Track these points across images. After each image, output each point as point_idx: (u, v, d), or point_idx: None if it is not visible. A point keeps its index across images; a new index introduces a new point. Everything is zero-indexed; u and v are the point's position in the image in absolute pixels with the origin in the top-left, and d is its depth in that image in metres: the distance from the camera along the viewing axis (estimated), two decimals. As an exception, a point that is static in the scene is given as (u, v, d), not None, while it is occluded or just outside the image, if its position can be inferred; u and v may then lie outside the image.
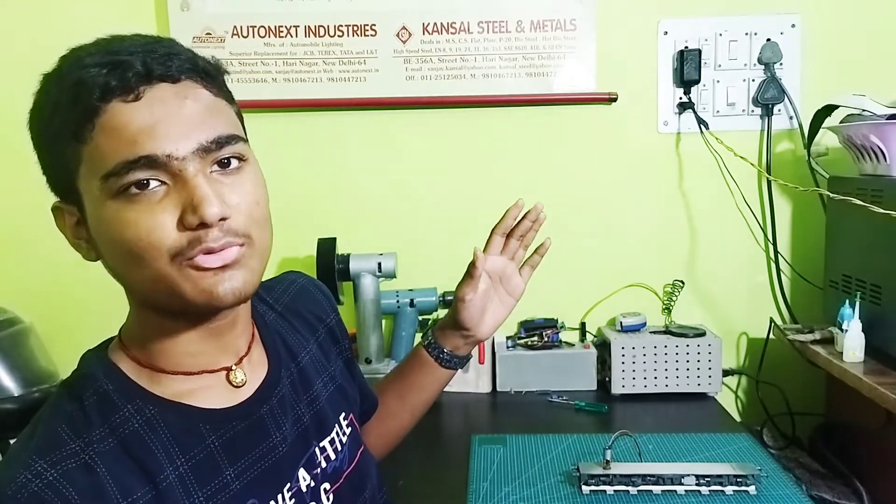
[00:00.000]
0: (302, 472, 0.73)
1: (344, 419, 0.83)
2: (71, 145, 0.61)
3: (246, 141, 0.67)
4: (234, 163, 0.64)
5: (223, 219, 0.61)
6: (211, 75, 0.66)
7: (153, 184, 0.60)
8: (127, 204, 0.60)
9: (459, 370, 1.02)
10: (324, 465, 0.76)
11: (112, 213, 0.60)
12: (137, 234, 0.60)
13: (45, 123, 0.63)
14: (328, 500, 0.75)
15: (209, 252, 0.61)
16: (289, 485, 0.71)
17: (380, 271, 1.49)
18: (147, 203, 0.60)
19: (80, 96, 0.59)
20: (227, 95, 0.68)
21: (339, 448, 0.79)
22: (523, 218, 0.99)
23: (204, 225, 0.60)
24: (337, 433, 0.80)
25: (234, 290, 0.63)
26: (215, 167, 0.63)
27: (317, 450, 0.76)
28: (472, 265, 0.96)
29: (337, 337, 0.91)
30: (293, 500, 0.71)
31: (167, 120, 0.60)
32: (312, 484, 0.74)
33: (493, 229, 1.00)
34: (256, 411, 0.71)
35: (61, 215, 0.66)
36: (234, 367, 0.71)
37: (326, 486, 0.76)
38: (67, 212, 0.66)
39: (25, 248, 1.58)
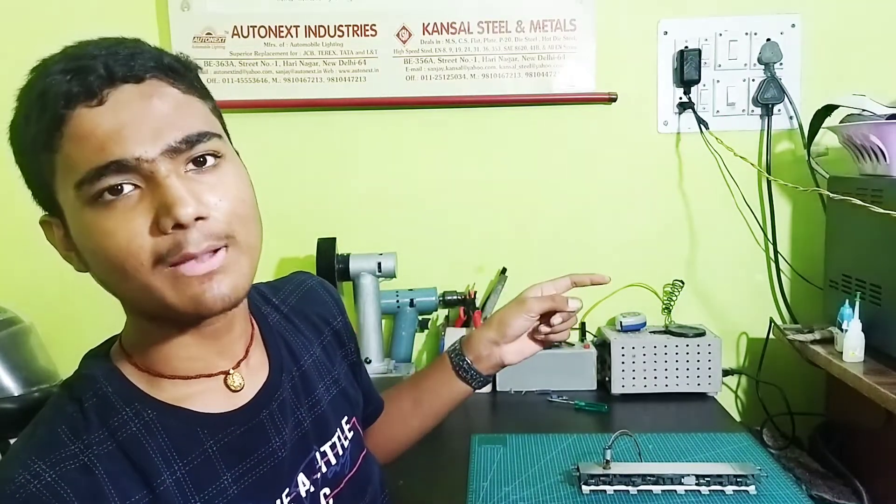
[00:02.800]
0: (301, 478, 0.72)
1: (346, 423, 0.82)
2: (44, 155, 0.60)
3: (222, 137, 0.65)
4: (210, 160, 0.62)
5: (200, 218, 0.59)
6: (178, 72, 0.64)
7: (127, 188, 0.59)
8: (103, 212, 0.59)
9: (472, 392, 0.98)
10: (324, 469, 0.76)
11: (89, 222, 0.59)
12: (117, 244, 0.59)
13: (20, 136, 0.62)
14: None
15: (191, 259, 0.60)
16: (287, 490, 0.70)
17: (380, 271, 1.49)
18: (122, 210, 0.59)
19: (47, 105, 0.59)
20: (200, 92, 0.66)
21: (341, 453, 0.79)
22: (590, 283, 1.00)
23: (180, 226, 0.58)
24: (338, 437, 0.79)
25: (222, 297, 0.61)
26: (190, 166, 0.61)
27: (317, 455, 0.75)
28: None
29: (343, 340, 0.89)
30: None
31: (133, 122, 0.58)
32: (312, 489, 0.73)
33: (570, 275, 0.99)
34: (256, 416, 0.70)
35: (50, 228, 0.66)
36: (231, 371, 0.70)
37: (326, 490, 0.75)
38: (54, 224, 0.65)
39: (26, 247, 1.57)
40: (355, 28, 1.55)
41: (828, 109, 1.41)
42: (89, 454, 0.60)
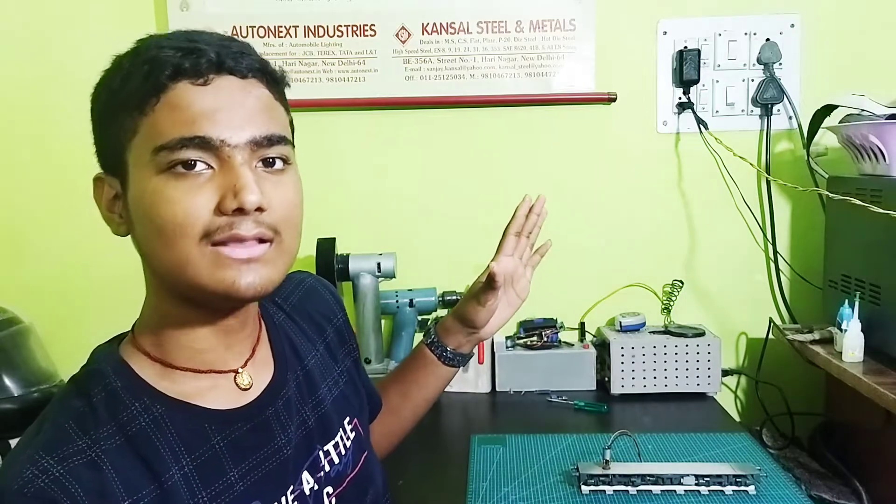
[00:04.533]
0: (305, 475, 0.73)
1: (348, 424, 0.83)
2: (132, 115, 0.63)
3: (294, 147, 0.69)
4: (279, 164, 0.66)
5: (259, 209, 0.62)
6: (276, 80, 0.69)
7: (200, 166, 0.62)
8: (172, 181, 0.61)
9: (460, 369, 1.03)
10: (327, 468, 0.76)
11: (155, 188, 0.62)
12: (174, 212, 0.61)
13: (111, 94, 0.65)
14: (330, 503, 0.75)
15: (238, 240, 0.62)
16: (292, 487, 0.71)
17: (379, 271, 1.49)
18: (190, 184, 0.62)
19: (152, 72, 0.62)
20: (285, 102, 0.70)
21: (343, 452, 0.79)
22: (529, 213, 1.01)
23: (240, 212, 0.61)
24: (341, 437, 0.80)
25: (254, 285, 0.64)
26: (260, 164, 0.65)
27: (320, 453, 0.76)
28: (492, 279, 0.94)
29: (344, 337, 0.91)
30: (296, 502, 0.71)
31: (229, 109, 0.63)
32: (315, 487, 0.74)
33: (505, 230, 1.01)
34: (262, 413, 0.71)
35: (101, 186, 0.68)
36: (240, 370, 0.71)
37: (329, 489, 0.76)
38: (108, 184, 0.67)
39: (26, 248, 1.58)
40: (354, 28, 1.55)
41: (827, 109, 1.41)
42: (97, 449, 0.61)
